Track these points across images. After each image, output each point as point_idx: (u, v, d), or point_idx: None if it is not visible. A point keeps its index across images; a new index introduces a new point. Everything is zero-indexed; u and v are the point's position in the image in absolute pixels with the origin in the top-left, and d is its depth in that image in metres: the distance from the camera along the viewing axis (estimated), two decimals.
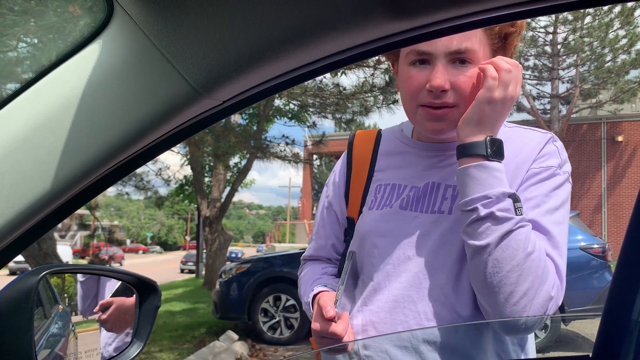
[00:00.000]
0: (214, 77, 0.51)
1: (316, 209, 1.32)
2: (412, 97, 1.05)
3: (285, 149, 10.20)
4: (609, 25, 18.21)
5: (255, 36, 0.49)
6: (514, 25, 1.05)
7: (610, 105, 20.53)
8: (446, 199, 1.06)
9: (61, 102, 0.55)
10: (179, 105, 0.53)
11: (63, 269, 0.92)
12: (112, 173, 0.59)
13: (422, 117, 1.05)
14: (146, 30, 0.50)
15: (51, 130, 0.55)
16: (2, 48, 2.86)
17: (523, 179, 1.04)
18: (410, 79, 1.05)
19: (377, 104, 8.54)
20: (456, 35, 0.99)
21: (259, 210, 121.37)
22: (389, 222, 1.09)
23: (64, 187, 0.56)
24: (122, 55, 0.53)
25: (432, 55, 1.02)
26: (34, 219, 0.58)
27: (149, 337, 0.89)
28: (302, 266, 1.32)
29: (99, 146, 0.55)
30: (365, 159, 1.20)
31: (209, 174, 14.32)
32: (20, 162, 0.55)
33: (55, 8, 2.56)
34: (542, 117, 19.83)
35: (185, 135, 0.59)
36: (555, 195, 1.03)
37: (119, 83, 0.53)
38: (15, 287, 0.67)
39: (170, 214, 65.86)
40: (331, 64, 0.53)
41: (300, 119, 11.55)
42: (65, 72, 0.55)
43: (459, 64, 1.01)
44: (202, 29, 0.48)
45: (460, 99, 1.02)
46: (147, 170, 10.96)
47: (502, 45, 1.06)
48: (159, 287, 0.91)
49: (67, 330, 1.03)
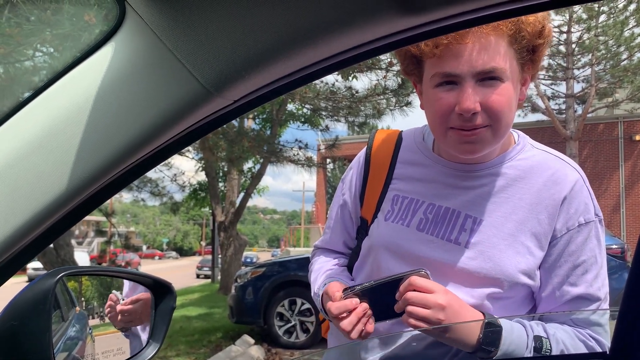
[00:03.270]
0: (225, 76, 0.51)
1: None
2: (441, 121, 1.00)
3: (299, 153, 10.22)
4: (624, 24, 17.97)
5: (265, 36, 0.49)
6: (542, 36, 0.99)
7: (627, 104, 20.23)
8: (465, 230, 1.04)
9: (75, 105, 0.56)
10: (191, 105, 0.54)
11: (80, 270, 0.93)
12: (127, 173, 0.60)
13: (454, 140, 1.01)
14: (158, 31, 0.51)
15: (66, 132, 0.56)
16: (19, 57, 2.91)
17: (563, 236, 1.03)
18: (438, 101, 0.99)
19: (390, 107, 8.52)
20: (482, 54, 0.95)
21: (273, 215, 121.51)
22: (403, 241, 1.08)
23: (80, 188, 0.57)
24: (134, 57, 0.54)
25: (459, 77, 0.96)
26: (50, 221, 0.59)
27: (164, 338, 0.90)
28: (314, 253, 1.34)
29: (113, 147, 0.56)
30: (384, 162, 1.18)
31: (223, 179, 14.39)
32: (37, 165, 0.56)
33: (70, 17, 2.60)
34: (558, 117, 19.61)
35: (198, 135, 0.59)
36: (600, 251, 1.04)
37: (132, 84, 0.54)
38: (33, 289, 0.68)
39: (186, 220, 66.29)
40: (341, 62, 0.53)
41: (313, 123, 11.55)
42: (78, 75, 0.56)
43: (487, 82, 0.96)
44: (213, 30, 0.49)
45: (491, 119, 0.97)
46: (163, 177, 11.07)
47: (530, 58, 1.01)
48: (174, 288, 0.91)
49: (84, 333, 1.04)
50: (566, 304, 1.02)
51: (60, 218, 0.62)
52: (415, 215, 1.09)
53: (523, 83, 1.06)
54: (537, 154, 1.09)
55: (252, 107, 0.57)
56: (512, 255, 1.01)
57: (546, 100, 19.55)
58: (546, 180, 1.05)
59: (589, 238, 1.03)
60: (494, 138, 1.00)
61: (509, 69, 0.97)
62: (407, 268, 1.04)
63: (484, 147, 1.01)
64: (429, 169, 1.12)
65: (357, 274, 1.19)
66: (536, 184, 1.05)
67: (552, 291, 1.03)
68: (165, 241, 70.06)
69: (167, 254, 65.19)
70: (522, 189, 1.05)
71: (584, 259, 1.02)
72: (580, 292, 1.02)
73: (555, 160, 1.08)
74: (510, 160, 1.08)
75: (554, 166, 1.07)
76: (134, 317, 0.95)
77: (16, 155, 0.57)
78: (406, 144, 1.19)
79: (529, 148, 1.10)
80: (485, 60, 0.95)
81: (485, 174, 1.07)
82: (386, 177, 1.16)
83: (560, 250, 1.03)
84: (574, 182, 1.04)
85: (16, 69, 3.25)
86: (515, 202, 1.04)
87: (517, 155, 1.09)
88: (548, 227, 1.03)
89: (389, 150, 1.19)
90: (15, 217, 0.58)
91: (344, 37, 0.50)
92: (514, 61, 0.99)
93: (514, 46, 0.97)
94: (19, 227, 0.58)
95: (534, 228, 1.03)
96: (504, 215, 1.04)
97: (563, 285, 1.02)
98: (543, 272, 1.04)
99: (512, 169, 1.07)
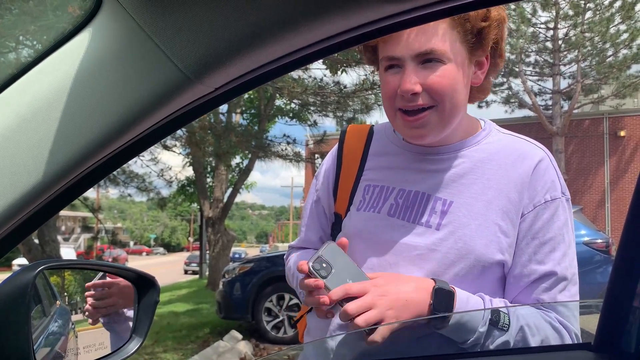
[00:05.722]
0: (206, 63, 0.50)
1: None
2: (389, 103, 1.05)
3: (287, 148, 10.21)
4: (609, 20, 18.13)
5: (246, 21, 0.48)
6: (487, 19, 1.01)
7: (612, 101, 20.45)
8: (435, 212, 1.05)
9: (52, 92, 0.54)
10: (171, 92, 0.52)
11: (60, 264, 0.91)
12: (107, 162, 0.59)
13: (402, 125, 1.05)
14: (136, 16, 0.49)
15: (42, 120, 0.54)
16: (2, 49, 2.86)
17: (529, 212, 1.04)
18: (385, 84, 1.05)
19: (378, 102, 8.53)
20: (419, 37, 0.98)
21: (261, 211, 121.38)
22: (375, 228, 1.08)
23: (58, 178, 0.56)
24: (112, 43, 0.52)
25: (400, 60, 1.00)
26: (27, 210, 0.58)
27: (148, 332, 0.89)
28: (289, 253, 1.32)
29: (92, 135, 0.54)
30: (355, 156, 1.19)
31: (210, 174, 14.33)
32: (12, 153, 0.55)
33: (54, 9, 2.56)
34: (544, 113, 19.76)
35: (179, 123, 0.58)
36: (567, 230, 1.04)
37: (110, 71, 0.53)
38: (11, 282, 0.66)
39: (174, 216, 65.95)
40: (324, 49, 0.52)
41: (301, 118, 11.55)
42: (55, 61, 0.54)
43: (428, 65, 0.99)
44: (193, 14, 0.48)
45: (434, 99, 1.00)
46: (149, 172, 10.96)
47: (477, 41, 1.03)
48: (158, 282, 0.90)
49: (67, 329, 1.02)
50: (534, 282, 1.02)
51: (38, 209, 0.61)
52: (386, 202, 1.10)
53: (479, 66, 1.08)
54: (503, 138, 1.12)
55: (234, 95, 0.56)
56: (483, 235, 1.01)
57: (533, 96, 19.69)
58: (514, 160, 1.07)
59: (555, 215, 1.03)
60: (441, 120, 1.02)
61: (449, 50, 0.99)
62: (380, 255, 1.06)
63: (433, 131, 1.03)
64: (398, 157, 1.14)
65: None
66: (503, 164, 1.06)
67: (520, 270, 1.03)
68: (153, 237, 69.78)
69: (155, 250, 64.91)
70: (489, 170, 1.06)
71: (551, 236, 1.02)
72: (547, 270, 1.01)
73: (521, 141, 1.11)
74: (477, 144, 1.10)
75: (520, 147, 1.09)
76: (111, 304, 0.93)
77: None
78: (377, 136, 1.21)
79: (495, 133, 1.13)
80: (423, 42, 0.98)
81: (452, 157, 1.09)
82: (358, 170, 1.17)
83: (527, 228, 1.03)
84: (540, 159, 1.06)
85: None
86: (484, 182, 1.05)
87: (484, 139, 1.11)
88: (518, 205, 1.04)
89: (361, 144, 1.20)
90: None
91: (328, 23, 0.49)
92: (458, 43, 1.01)
93: (457, 29, 1.00)
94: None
95: (505, 207, 1.03)
96: (473, 195, 1.04)
97: (530, 264, 1.02)
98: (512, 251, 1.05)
99: (479, 152, 1.09)
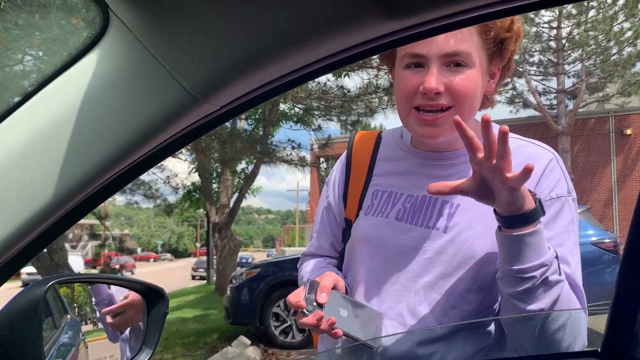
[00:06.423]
0: (211, 82, 0.51)
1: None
2: (405, 100, 1.04)
3: (292, 152, 10.23)
4: (613, 19, 18.07)
5: (250, 41, 0.49)
6: (510, 30, 1.03)
7: (618, 99, 20.36)
8: (442, 215, 1.06)
9: (61, 113, 0.55)
10: (177, 112, 0.53)
11: (71, 278, 0.93)
12: (115, 181, 0.60)
13: (416, 123, 1.05)
14: (142, 38, 0.50)
15: (53, 140, 0.55)
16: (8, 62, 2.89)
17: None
18: (404, 81, 1.04)
19: (382, 105, 8.54)
20: (448, 38, 0.98)
21: (267, 215, 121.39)
22: (383, 232, 1.09)
23: (68, 196, 0.57)
24: (119, 64, 0.53)
25: (426, 58, 1.00)
26: (39, 228, 0.59)
27: (157, 344, 0.90)
28: (303, 259, 1.33)
29: (100, 155, 0.55)
30: (364, 162, 1.20)
31: (216, 180, 14.36)
32: (24, 173, 0.56)
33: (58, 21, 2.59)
34: (549, 113, 19.70)
35: (185, 141, 0.59)
36: (573, 229, 1.04)
37: (117, 92, 0.54)
38: (23, 297, 0.68)
39: (180, 221, 66.13)
40: (327, 66, 0.53)
41: (306, 123, 11.55)
42: (63, 83, 0.56)
43: (453, 67, 1.00)
44: (198, 36, 0.49)
45: (455, 101, 1.01)
46: (156, 179, 11.02)
47: (498, 50, 1.05)
48: (167, 294, 0.91)
49: (77, 340, 1.04)
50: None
51: (50, 225, 0.62)
52: (394, 207, 1.11)
53: (492, 76, 1.09)
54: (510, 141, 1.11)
55: (239, 113, 0.57)
56: (488, 237, 1.00)
57: (537, 96, 19.64)
58: (520, 162, 1.06)
59: (560, 213, 1.03)
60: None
61: (475, 55, 1.01)
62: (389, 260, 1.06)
63: (446, 131, 1.03)
64: (406, 162, 1.15)
65: (347, 274, 1.19)
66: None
67: None
68: (160, 243, 69.88)
69: (162, 256, 65.03)
70: None
71: (555, 233, 1.02)
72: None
73: (528, 145, 1.11)
74: None
75: (528, 150, 1.09)
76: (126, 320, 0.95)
77: (3, 163, 0.57)
78: (385, 142, 1.22)
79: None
80: (453, 44, 0.99)
81: (459, 162, 1.09)
82: (366, 175, 1.18)
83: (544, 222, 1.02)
84: (549, 160, 1.07)
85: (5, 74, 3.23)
86: None
87: None
88: None
89: (369, 149, 1.21)
90: (5, 224, 0.58)
91: (329, 41, 0.50)
92: (481, 51, 1.02)
93: (482, 36, 1.01)
94: (10, 234, 0.58)
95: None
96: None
97: None
98: None
99: None
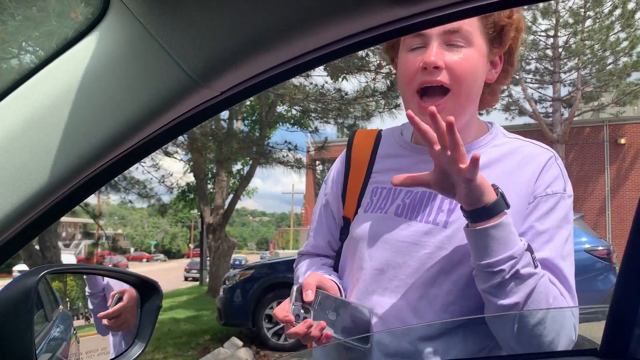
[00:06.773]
0: (212, 66, 0.50)
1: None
2: (407, 82, 1.06)
3: (288, 154, 10.21)
4: (609, 28, 18.20)
5: (253, 25, 0.48)
6: (511, 17, 1.05)
7: (613, 108, 20.48)
8: (442, 211, 1.05)
9: (59, 95, 0.54)
10: (177, 96, 0.52)
11: (63, 268, 0.91)
12: (113, 166, 0.59)
13: (416, 109, 1.05)
14: (143, 20, 0.49)
15: (49, 123, 0.54)
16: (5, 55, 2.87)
17: (530, 204, 1.04)
18: (405, 63, 1.06)
19: (379, 109, 8.54)
20: None
21: (262, 217, 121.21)
22: (382, 228, 1.09)
23: (64, 181, 0.56)
24: (119, 46, 0.52)
25: (426, 37, 1.03)
26: (32, 214, 0.58)
27: (150, 337, 0.89)
28: (299, 259, 1.32)
29: (98, 138, 0.54)
30: (363, 159, 1.20)
31: (211, 181, 14.33)
32: (18, 156, 0.55)
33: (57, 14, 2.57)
34: (545, 121, 19.78)
35: (185, 127, 0.58)
36: (565, 225, 1.03)
37: (117, 74, 0.53)
38: (14, 287, 0.66)
39: (174, 222, 65.95)
40: (330, 53, 0.52)
41: (303, 125, 11.56)
42: (62, 64, 0.55)
43: (454, 48, 1.02)
44: (200, 18, 0.48)
45: (454, 80, 1.02)
46: (151, 178, 10.96)
47: (497, 36, 1.06)
48: (160, 287, 0.90)
49: (68, 334, 1.02)
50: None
51: (42, 213, 0.60)
52: (393, 203, 1.10)
53: (494, 65, 1.10)
54: (510, 141, 1.13)
55: (240, 99, 0.56)
56: None
57: (533, 103, 19.74)
58: (520, 161, 1.07)
59: (554, 209, 1.03)
60: (456, 108, 1.03)
61: (476, 36, 1.03)
62: (389, 256, 1.05)
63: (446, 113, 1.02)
64: (406, 159, 1.15)
65: (343, 273, 1.18)
66: (510, 165, 1.07)
67: None
68: (153, 243, 69.66)
69: (155, 256, 64.78)
70: (496, 170, 1.06)
71: (546, 228, 1.01)
72: (541, 257, 0.99)
73: (528, 144, 1.12)
74: (485, 147, 1.11)
75: (527, 149, 1.10)
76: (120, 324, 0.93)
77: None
78: (385, 139, 1.22)
79: (501, 136, 1.14)
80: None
81: None
82: (366, 173, 1.18)
83: (526, 217, 1.03)
84: (547, 158, 1.07)
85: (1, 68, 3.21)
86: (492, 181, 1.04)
87: (490, 142, 1.12)
88: (524, 204, 1.04)
89: (369, 147, 1.21)
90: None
91: (334, 27, 0.49)
92: (482, 34, 1.04)
93: (482, 20, 1.04)
94: (1, 219, 0.57)
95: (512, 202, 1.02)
96: None
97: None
98: None
99: (486, 155, 1.08)
